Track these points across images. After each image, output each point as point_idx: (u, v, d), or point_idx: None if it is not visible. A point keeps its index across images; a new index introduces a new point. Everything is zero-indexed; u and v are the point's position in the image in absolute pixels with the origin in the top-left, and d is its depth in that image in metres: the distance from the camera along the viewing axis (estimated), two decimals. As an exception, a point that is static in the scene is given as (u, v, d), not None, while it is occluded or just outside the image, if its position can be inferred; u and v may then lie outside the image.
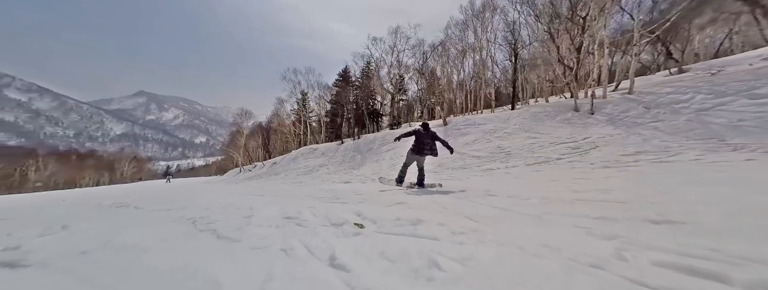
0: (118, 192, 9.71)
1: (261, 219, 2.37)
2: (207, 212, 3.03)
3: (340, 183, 6.70)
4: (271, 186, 6.94)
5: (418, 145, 4.34)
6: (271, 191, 5.41)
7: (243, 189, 6.80)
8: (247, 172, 22.31)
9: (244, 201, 3.75)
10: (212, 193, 5.77)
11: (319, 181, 7.58)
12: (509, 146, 7.02)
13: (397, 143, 10.92)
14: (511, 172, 4.89)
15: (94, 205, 4.87)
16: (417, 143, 4.35)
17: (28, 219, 3.74)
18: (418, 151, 4.31)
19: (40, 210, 4.62)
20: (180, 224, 2.50)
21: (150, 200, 4.93)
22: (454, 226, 1.71)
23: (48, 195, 13.74)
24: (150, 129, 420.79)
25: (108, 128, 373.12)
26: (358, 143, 14.96)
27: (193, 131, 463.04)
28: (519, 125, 8.41)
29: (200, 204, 3.83)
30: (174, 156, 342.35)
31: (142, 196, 6.08)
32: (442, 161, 7.31)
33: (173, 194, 6.39)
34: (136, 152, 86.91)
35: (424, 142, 4.35)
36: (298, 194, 4.52)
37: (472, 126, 9.93)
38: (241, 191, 5.93)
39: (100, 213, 3.84)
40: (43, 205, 5.99)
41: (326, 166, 12.02)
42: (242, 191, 5.89)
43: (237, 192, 5.81)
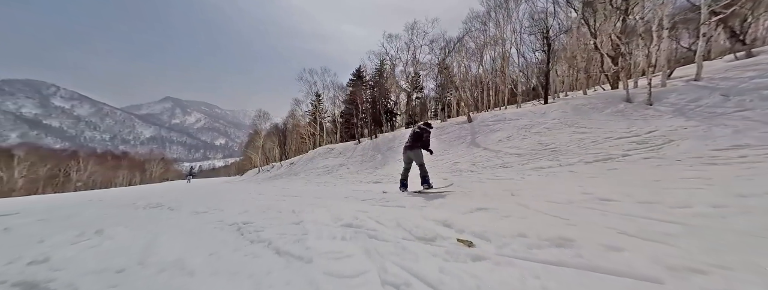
0: (150, 192, 9.96)
1: (315, 226, 1.98)
2: (248, 216, 2.73)
3: (368, 183, 6.30)
4: (297, 187, 6.69)
5: (412, 140, 4.21)
6: (303, 191, 5.13)
7: (270, 189, 6.60)
8: (265, 172, 22.67)
9: (282, 204, 3.46)
10: (242, 194, 5.56)
11: (344, 181, 7.24)
12: (553, 142, 6.29)
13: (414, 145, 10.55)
14: (575, 171, 4.22)
15: (128, 205, 4.80)
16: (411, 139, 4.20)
17: (64, 220, 3.65)
18: (411, 147, 4.19)
19: (77, 211, 4.59)
20: (223, 231, 2.19)
21: (182, 200, 4.77)
22: (654, 253, 1.09)
23: (86, 194, 14.53)
24: (175, 132, 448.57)
25: (138, 132, 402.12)
26: (376, 142, 14.57)
27: (213, 133, 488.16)
28: (560, 119, 7.59)
29: (235, 206, 3.58)
30: (196, 157, 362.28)
31: (173, 197, 6.02)
32: (477, 160, 6.70)
33: (203, 194, 6.31)
34: (163, 154, 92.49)
35: (421, 137, 4.24)
36: (334, 195, 4.17)
37: (503, 122, 9.19)
38: (271, 191, 5.69)
39: (134, 215, 3.69)
40: (81, 205, 6.10)
41: (346, 166, 11.72)
42: (272, 191, 5.65)
43: (267, 192, 5.58)
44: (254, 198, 4.48)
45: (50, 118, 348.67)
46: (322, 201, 3.45)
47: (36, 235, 2.55)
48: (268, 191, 5.71)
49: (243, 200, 4.30)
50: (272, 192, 5.55)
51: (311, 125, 31.37)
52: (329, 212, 2.45)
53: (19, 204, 7.98)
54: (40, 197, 15.12)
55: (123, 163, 61.41)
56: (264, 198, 4.30)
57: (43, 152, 43.76)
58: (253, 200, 4.21)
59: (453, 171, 6.15)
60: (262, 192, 5.68)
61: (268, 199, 4.14)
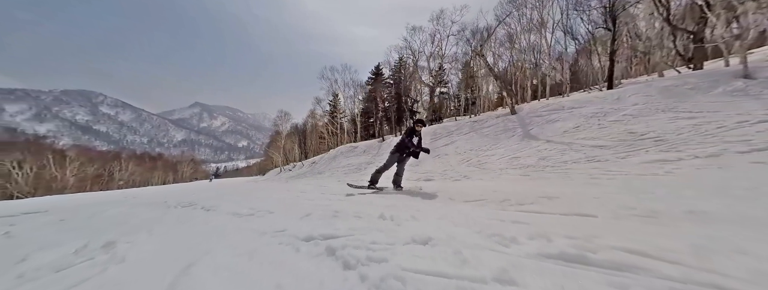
0: (181, 191, 9.82)
1: (446, 241, 1.08)
2: (320, 224, 1.93)
3: (415, 180, 5.34)
4: (334, 185, 5.93)
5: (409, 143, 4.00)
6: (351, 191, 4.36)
7: (308, 187, 5.88)
8: (287, 172, 22.63)
9: (346, 205, 2.66)
10: (281, 192, 4.86)
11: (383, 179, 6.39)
12: (650, 130, 4.93)
13: (437, 144, 9.29)
14: (724, 164, 2.97)
15: (159, 203, 4.28)
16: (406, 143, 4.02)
17: (83, 221, 3.11)
18: (405, 151, 4.02)
19: (104, 209, 4.15)
20: (300, 253, 1.34)
21: (216, 199, 4.15)
22: None
23: (125, 192, 15.07)
24: (203, 135, 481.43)
25: (172, 135, 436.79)
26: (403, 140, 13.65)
27: (236, 136, 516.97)
28: (645, 104, 6.14)
29: (286, 207, 2.83)
30: (222, 158, 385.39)
31: (206, 195, 5.51)
32: (544, 154, 5.50)
33: (236, 193, 5.77)
34: (192, 155, 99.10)
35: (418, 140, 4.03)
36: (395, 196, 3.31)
37: (561, 111, 7.82)
38: (313, 190, 4.94)
39: (164, 216, 3.05)
40: (114, 203, 5.81)
41: (373, 164, 10.88)
42: (313, 190, 4.89)
43: (309, 191, 4.82)
44: (300, 197, 3.74)
45: (99, 124, 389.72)
46: (412, 204, 2.55)
47: (29, 246, 1.92)
48: (308, 190, 4.97)
49: (289, 200, 3.56)
50: (314, 191, 4.81)
51: (331, 124, 31.22)
52: (456, 221, 1.57)
53: (60, 202, 8.05)
54: (83, 195, 16.00)
55: (158, 164, 66.20)
56: (314, 198, 3.55)
57: (91, 153, 48.17)
58: (303, 200, 3.45)
59: (520, 167, 5.02)
60: (304, 190, 4.95)
61: (320, 198, 3.38)
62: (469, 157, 7.11)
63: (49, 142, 48.82)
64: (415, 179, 5.67)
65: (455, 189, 3.49)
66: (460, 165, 6.59)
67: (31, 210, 4.35)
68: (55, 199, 9.76)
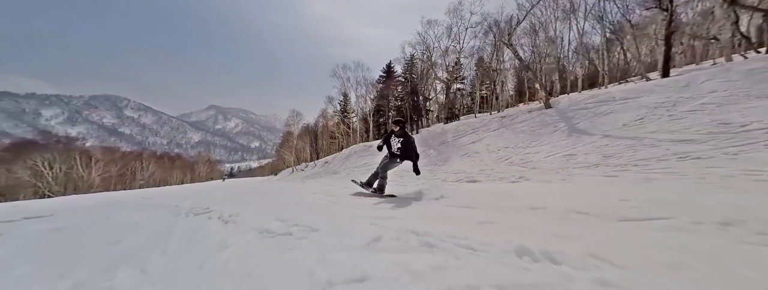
0: (196, 191, 9.54)
1: None
2: (425, 267, 1.21)
3: (462, 181, 4.59)
4: (359, 188, 5.33)
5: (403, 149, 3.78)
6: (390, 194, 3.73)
7: (330, 189, 5.29)
8: (299, 172, 22.40)
9: (428, 226, 1.91)
10: (305, 195, 4.18)
11: (414, 179, 5.71)
12: (748, 121, 3.96)
13: (476, 137, 8.58)
14: None
15: (169, 208, 3.78)
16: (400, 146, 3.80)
17: (70, 235, 2.63)
18: (401, 156, 3.81)
19: (105, 216, 3.72)
20: None
21: (235, 204, 3.57)
22: None
23: (141, 192, 15.20)
24: (218, 136, 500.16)
25: (189, 137, 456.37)
26: (422, 137, 12.87)
27: (249, 137, 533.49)
28: (728, 91, 5.11)
29: (327, 219, 2.18)
30: (235, 159, 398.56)
31: (222, 197, 5.01)
32: (607, 151, 4.62)
33: (253, 194, 5.27)
34: (208, 156, 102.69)
35: (409, 143, 3.77)
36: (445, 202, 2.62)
37: (612, 102, 6.83)
38: (341, 193, 4.29)
39: (172, 230, 2.42)
40: (122, 205, 5.48)
41: (392, 164, 10.22)
42: (342, 193, 4.25)
43: (338, 194, 4.10)
44: (335, 204, 3.13)
45: (123, 126, 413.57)
46: (546, 226, 1.74)
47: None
48: (336, 193, 4.34)
49: (325, 207, 2.93)
50: (342, 194, 4.17)
51: (342, 123, 30.89)
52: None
53: (74, 203, 7.91)
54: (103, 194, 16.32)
55: (176, 164, 68.70)
56: (355, 205, 2.93)
57: (115, 154, 50.54)
58: (341, 208, 2.84)
59: (585, 167, 4.17)
60: (331, 193, 4.32)
61: (366, 207, 2.74)
62: (506, 155, 6.28)
63: (80, 143, 51.70)
64: (454, 180, 4.92)
65: (540, 197, 2.60)
66: (498, 164, 5.79)
67: (35, 213, 4.01)
68: (72, 200, 9.74)
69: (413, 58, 26.03)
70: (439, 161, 7.94)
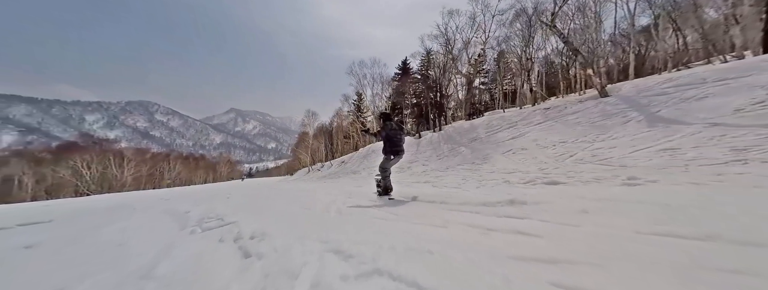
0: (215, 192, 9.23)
1: None
2: None
3: (535, 184, 3.59)
4: (398, 189, 4.53)
5: (394, 144, 3.46)
6: (450, 198, 2.86)
7: (364, 191, 4.55)
8: (315, 172, 22.09)
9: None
10: (348, 200, 3.46)
11: (449, 181, 4.79)
12: None
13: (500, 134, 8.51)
14: None
15: (179, 217, 3.15)
16: (393, 143, 3.46)
17: (42, 257, 2.04)
18: (397, 152, 3.49)
19: (99, 226, 3.16)
20: None
21: (261, 216, 2.81)
22: None
23: (160, 193, 15.42)
24: (237, 138, 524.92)
25: (212, 139, 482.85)
26: (447, 134, 11.86)
27: (266, 138, 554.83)
28: None
29: (426, 253, 1.31)
30: (253, 159, 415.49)
31: (242, 202, 4.38)
32: (738, 144, 3.44)
33: (279, 197, 4.64)
34: (229, 157, 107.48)
35: (399, 138, 3.49)
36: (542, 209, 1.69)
37: (703, 85, 5.48)
38: (377, 197, 3.53)
39: (156, 264, 1.66)
40: (129, 208, 5.06)
41: (418, 162, 9.31)
42: (386, 199, 3.48)
43: (379, 199, 3.42)
44: (400, 215, 2.31)
45: (154, 130, 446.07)
46: None
47: None
48: (373, 195, 3.56)
49: (386, 221, 2.11)
50: (385, 199, 3.38)
51: (356, 122, 30.39)
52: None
53: (87, 204, 7.78)
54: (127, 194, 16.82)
55: (200, 164, 72.18)
56: (417, 217, 2.09)
57: (145, 155, 53.85)
58: (411, 223, 2.00)
59: (710, 164, 3.04)
60: (372, 198, 3.56)
61: (442, 224, 1.88)
62: (567, 151, 5.17)
63: (115, 146, 55.72)
64: (519, 182, 3.93)
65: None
66: (560, 162, 4.71)
67: (37, 219, 3.59)
68: (88, 200, 9.79)
69: (430, 54, 24.95)
70: (477, 159, 6.92)
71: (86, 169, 33.18)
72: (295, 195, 4.86)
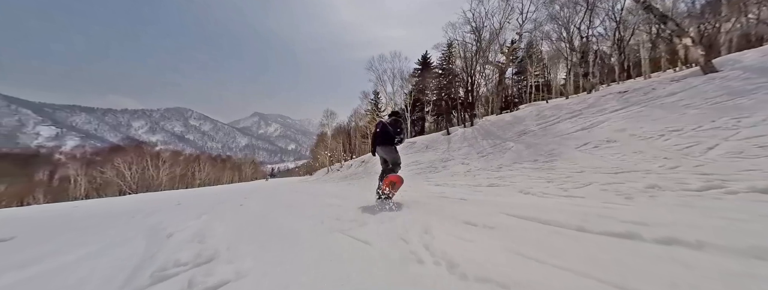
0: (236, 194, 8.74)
1: None
2: None
3: (660, 190, 2.22)
4: (467, 192, 3.31)
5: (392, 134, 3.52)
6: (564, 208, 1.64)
7: (422, 198, 3.45)
8: (335, 172, 21.48)
9: None
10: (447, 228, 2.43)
11: (521, 184, 3.46)
12: None
13: None
14: None
15: (149, 246, 2.14)
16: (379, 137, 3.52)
17: None
18: (372, 152, 3.70)
19: (55, 253, 2.38)
20: None
21: (277, 239, 1.87)
22: None
23: (180, 193, 15.59)
24: (261, 140, 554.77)
25: (238, 141, 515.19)
26: (484, 129, 10.37)
27: (286, 140, 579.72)
28: None
29: None
30: (275, 160, 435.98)
31: (257, 211, 3.49)
32: None
33: (309, 203, 3.74)
34: (253, 158, 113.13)
35: (387, 132, 3.47)
36: None
37: None
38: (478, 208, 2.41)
39: None
40: (118, 219, 4.42)
41: (451, 160, 8.00)
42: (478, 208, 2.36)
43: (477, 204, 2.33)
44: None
45: (189, 134, 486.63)
46: None
47: None
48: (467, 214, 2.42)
49: None
50: (480, 209, 2.25)
51: (374, 122, 29.53)
52: None
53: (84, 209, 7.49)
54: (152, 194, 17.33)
55: (227, 165, 76.31)
56: None
57: (179, 157, 57.84)
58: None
59: None
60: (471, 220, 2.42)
61: None
62: (698, 141, 3.59)
63: (154, 148, 60.66)
64: (682, 189, 2.54)
65: None
66: (687, 156, 3.19)
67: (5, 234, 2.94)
68: (96, 204, 9.72)
69: (451, 47, 23.25)
70: (540, 156, 5.46)
71: (128, 170, 36.08)
72: (325, 204, 3.81)
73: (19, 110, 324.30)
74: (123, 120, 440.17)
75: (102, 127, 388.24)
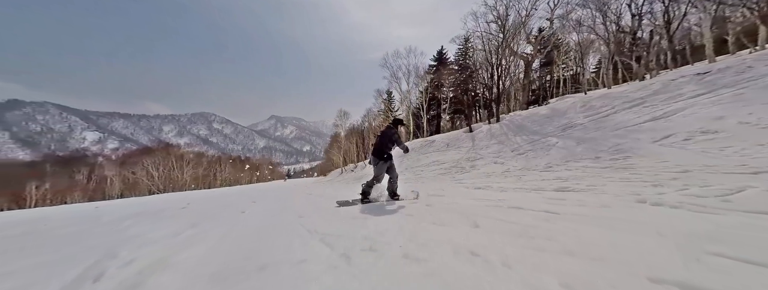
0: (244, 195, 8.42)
1: None
2: None
3: None
4: (519, 197, 2.43)
5: (380, 147, 3.58)
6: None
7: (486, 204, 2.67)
8: (349, 173, 21.01)
9: None
10: None
11: (613, 188, 2.52)
12: None
13: None
14: None
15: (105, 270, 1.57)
16: (380, 145, 3.60)
17: None
18: (384, 157, 3.54)
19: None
20: None
21: None
22: None
23: (189, 195, 15.75)
24: (277, 142, 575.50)
25: (256, 143, 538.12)
26: (515, 124, 9.26)
27: (301, 142, 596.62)
28: None
29: None
30: (291, 161, 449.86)
31: (257, 225, 2.76)
32: None
33: (333, 216, 3.06)
34: (270, 159, 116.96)
35: (380, 142, 3.60)
36: None
37: None
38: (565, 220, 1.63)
39: None
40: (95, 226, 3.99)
41: (484, 159, 7.03)
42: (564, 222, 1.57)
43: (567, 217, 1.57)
44: None
45: (212, 137, 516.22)
46: None
47: None
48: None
49: None
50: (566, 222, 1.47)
51: (387, 122, 28.82)
52: None
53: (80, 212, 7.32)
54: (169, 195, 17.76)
55: (246, 166, 79.25)
56: None
57: (202, 158, 60.74)
58: None
59: None
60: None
61: None
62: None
63: (179, 150, 64.32)
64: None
65: None
66: None
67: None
68: (112, 204, 9.68)
69: (468, 42, 22.01)
70: (601, 153, 4.41)
71: (155, 171, 38.27)
72: (350, 216, 3.05)
73: (69, 117, 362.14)
74: (155, 124, 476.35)
75: (137, 131, 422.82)
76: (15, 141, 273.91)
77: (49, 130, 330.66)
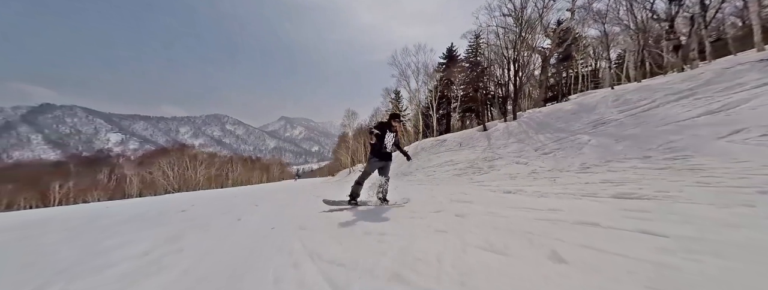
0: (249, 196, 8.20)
1: None
2: None
3: None
4: (558, 202, 1.93)
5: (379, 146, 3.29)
6: None
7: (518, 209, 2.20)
8: (357, 172, 20.72)
9: None
10: None
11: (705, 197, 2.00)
12: None
13: None
14: None
15: None
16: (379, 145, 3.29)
17: None
18: (380, 155, 3.30)
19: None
20: None
21: None
22: None
23: (197, 195, 15.85)
24: (287, 142, 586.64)
25: (267, 144, 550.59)
26: (536, 122, 8.60)
27: (310, 142, 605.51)
28: None
29: None
30: (300, 162, 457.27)
31: (248, 246, 2.50)
32: None
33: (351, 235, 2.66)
34: (280, 159, 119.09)
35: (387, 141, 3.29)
36: None
37: None
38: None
39: None
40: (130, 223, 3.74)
41: (504, 159, 6.46)
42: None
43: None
44: None
45: (225, 138, 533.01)
46: None
47: None
48: None
49: None
50: None
51: (396, 122, 28.30)
52: None
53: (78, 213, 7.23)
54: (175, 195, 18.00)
55: (256, 166, 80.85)
56: None
57: (215, 159, 62.41)
58: None
59: None
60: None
61: None
62: None
63: (193, 151, 66.45)
64: None
65: None
66: None
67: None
68: (99, 208, 9.65)
69: (478, 38, 21.23)
70: (650, 152, 3.79)
71: (170, 171, 39.56)
72: (364, 232, 2.63)
73: (95, 120, 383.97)
74: (172, 126, 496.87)
75: (156, 133, 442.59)
76: (46, 142, 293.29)
77: (77, 131, 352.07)
